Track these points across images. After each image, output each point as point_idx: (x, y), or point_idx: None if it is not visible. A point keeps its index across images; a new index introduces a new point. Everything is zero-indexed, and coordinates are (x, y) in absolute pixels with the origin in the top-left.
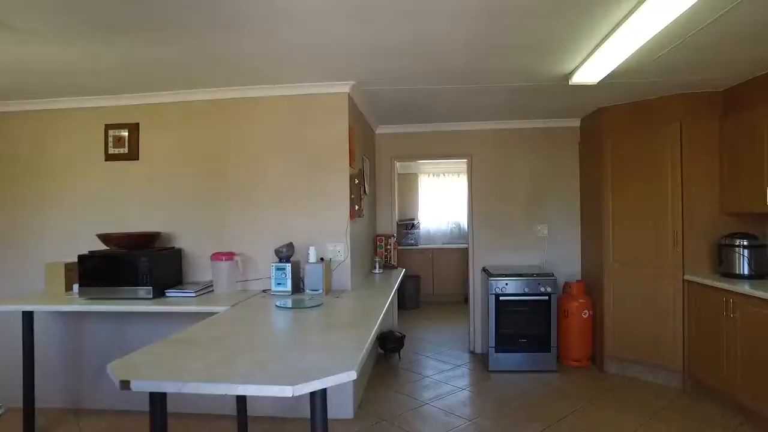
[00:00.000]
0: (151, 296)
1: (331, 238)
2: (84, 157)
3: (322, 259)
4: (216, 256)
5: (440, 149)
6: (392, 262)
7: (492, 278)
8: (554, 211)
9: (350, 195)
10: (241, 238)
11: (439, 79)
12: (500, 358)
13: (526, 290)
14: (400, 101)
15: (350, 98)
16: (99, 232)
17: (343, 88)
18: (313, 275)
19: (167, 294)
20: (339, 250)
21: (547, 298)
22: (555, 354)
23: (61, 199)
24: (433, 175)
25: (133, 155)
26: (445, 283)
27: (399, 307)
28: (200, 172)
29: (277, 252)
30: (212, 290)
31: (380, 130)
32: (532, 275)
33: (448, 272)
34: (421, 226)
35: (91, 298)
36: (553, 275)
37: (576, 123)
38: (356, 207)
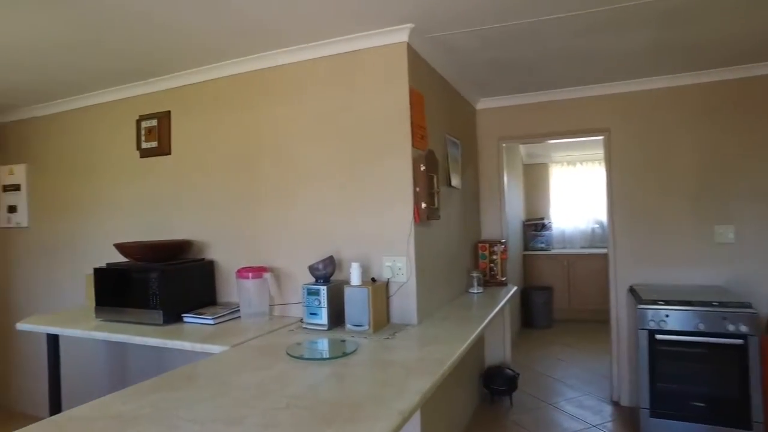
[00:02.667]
0: (161, 321)
1: (388, 250)
2: (121, 154)
3: (373, 279)
4: (241, 273)
5: (563, 125)
6: (500, 277)
7: (644, 306)
8: (745, 205)
9: (414, 188)
10: (279, 248)
11: (540, 5)
12: (659, 426)
13: (702, 327)
14: (495, 56)
15: (411, 51)
16: (133, 240)
17: (398, 36)
18: (354, 304)
19: (185, 319)
20: (399, 266)
21: (741, 341)
22: (760, 431)
23: (102, 203)
24: (568, 164)
25: (164, 149)
26: (584, 297)
27: (525, 326)
28: (232, 166)
29: (312, 269)
30: (240, 315)
31: (482, 104)
32: (711, 303)
33: (588, 283)
34: (553, 227)
35: (106, 320)
36: (749, 305)
37: None
38: (423, 205)
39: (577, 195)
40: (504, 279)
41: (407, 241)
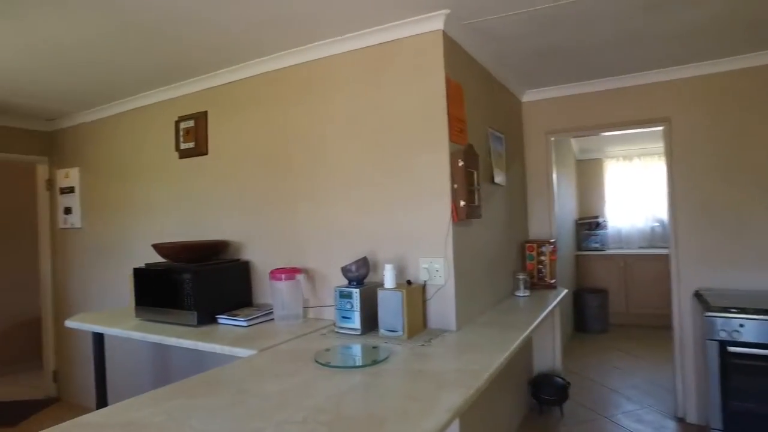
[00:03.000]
0: (195, 322)
1: (425, 251)
2: (162, 156)
3: (409, 282)
4: (274, 274)
5: (617, 115)
6: (548, 279)
7: (712, 313)
8: None
9: (452, 184)
10: (313, 248)
11: None
12: None
13: None
14: (540, 43)
15: (447, 39)
16: (175, 240)
17: (433, 23)
18: (388, 308)
19: (219, 320)
20: (437, 268)
21: None
22: None
23: (147, 204)
24: (624, 159)
25: (201, 150)
26: (643, 301)
27: (578, 330)
28: (267, 165)
29: (345, 271)
30: (273, 317)
31: (528, 96)
32: None
33: (647, 286)
34: (608, 226)
35: (145, 320)
36: None
37: None
38: (462, 202)
39: (634, 192)
40: (553, 281)
41: (445, 241)
